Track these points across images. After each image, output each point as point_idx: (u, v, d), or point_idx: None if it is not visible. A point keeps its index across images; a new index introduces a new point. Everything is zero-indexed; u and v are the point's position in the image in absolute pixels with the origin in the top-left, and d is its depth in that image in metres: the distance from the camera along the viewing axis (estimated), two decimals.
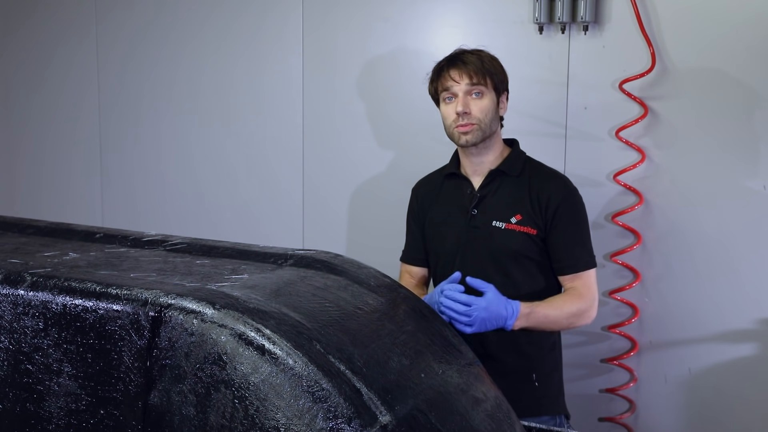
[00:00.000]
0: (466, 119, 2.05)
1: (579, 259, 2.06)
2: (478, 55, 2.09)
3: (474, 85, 2.05)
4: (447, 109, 2.09)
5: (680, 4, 2.43)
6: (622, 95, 2.49)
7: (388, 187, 2.91)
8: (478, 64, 2.06)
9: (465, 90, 2.05)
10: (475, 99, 2.06)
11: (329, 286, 1.39)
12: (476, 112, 2.05)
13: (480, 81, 2.05)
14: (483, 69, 2.06)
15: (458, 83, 2.05)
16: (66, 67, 3.51)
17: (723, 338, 2.46)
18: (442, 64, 2.11)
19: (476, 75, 2.05)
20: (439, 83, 2.10)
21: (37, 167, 3.67)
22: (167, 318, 1.19)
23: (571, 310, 2.01)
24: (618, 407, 2.63)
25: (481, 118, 2.06)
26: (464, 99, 2.05)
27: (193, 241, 1.61)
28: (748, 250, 2.41)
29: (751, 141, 2.38)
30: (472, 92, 2.06)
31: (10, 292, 1.30)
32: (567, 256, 2.05)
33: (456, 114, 2.05)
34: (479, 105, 2.06)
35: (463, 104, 2.05)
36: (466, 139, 2.07)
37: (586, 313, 2.04)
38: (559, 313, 2.00)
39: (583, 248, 2.08)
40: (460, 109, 2.04)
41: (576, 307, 2.02)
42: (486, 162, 2.13)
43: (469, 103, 2.05)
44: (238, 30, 3.13)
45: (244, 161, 3.19)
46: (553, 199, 2.06)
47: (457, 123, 2.06)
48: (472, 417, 1.32)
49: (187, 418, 1.16)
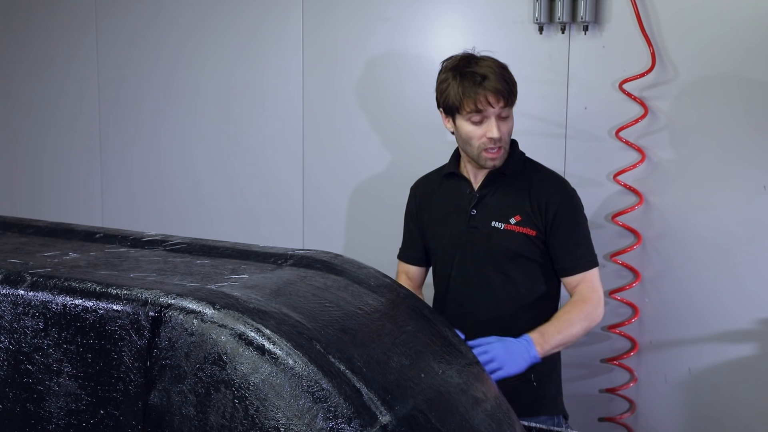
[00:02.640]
0: (497, 144, 2.00)
1: (581, 260, 2.06)
2: (504, 75, 1.98)
3: (505, 108, 2.00)
4: (474, 130, 2.00)
5: (680, 4, 2.43)
6: (622, 95, 2.49)
7: (388, 187, 2.91)
8: (509, 87, 1.98)
9: (497, 113, 1.99)
10: (503, 120, 2.01)
11: (329, 286, 1.39)
12: (504, 135, 2.01)
13: (509, 103, 2.00)
14: (511, 90, 2.00)
15: (493, 107, 1.97)
16: (66, 67, 3.51)
17: (723, 338, 2.46)
18: (469, 83, 1.97)
19: (508, 97, 1.99)
20: (469, 101, 1.97)
21: (37, 167, 3.67)
22: (167, 318, 1.19)
23: (579, 318, 1.99)
24: (618, 407, 2.63)
25: (507, 140, 2.04)
26: (497, 123, 1.99)
27: (193, 241, 1.61)
28: (748, 249, 2.41)
29: (751, 141, 2.38)
30: (501, 114, 2.00)
31: (10, 292, 1.30)
32: (569, 258, 2.04)
33: (488, 138, 1.99)
34: (506, 127, 2.02)
35: (498, 129, 1.98)
36: (494, 164, 2.04)
37: (593, 314, 2.02)
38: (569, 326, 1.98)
39: (584, 249, 2.08)
40: (496, 135, 1.98)
41: (584, 313, 2.00)
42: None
43: (501, 128, 1.99)
44: (238, 30, 3.13)
45: (244, 161, 3.19)
46: (553, 202, 2.05)
47: (487, 146, 2.01)
48: (472, 417, 1.32)
49: (187, 418, 1.16)
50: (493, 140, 1.99)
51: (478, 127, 2.00)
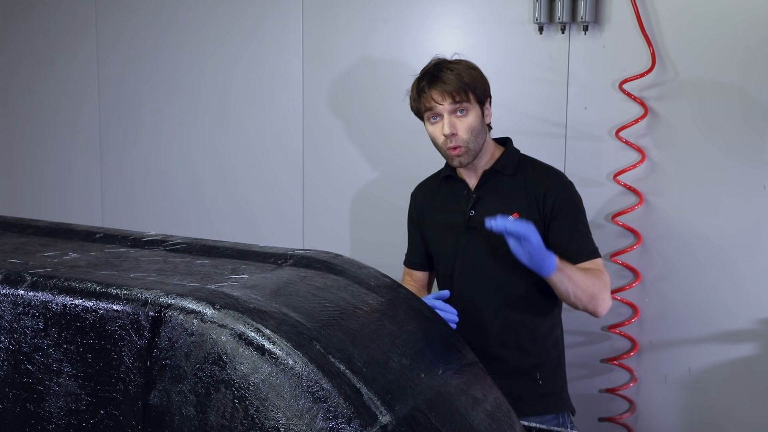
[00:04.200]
0: (454, 141, 2.02)
1: (582, 249, 2.04)
2: (456, 71, 2.02)
3: (457, 104, 2.01)
4: (434, 129, 2.06)
5: (680, 4, 2.43)
6: (622, 95, 2.49)
7: (387, 187, 2.91)
8: (458, 82, 2.00)
9: (449, 110, 2.01)
10: (460, 117, 2.02)
11: (329, 286, 1.39)
12: (462, 133, 2.02)
13: (463, 98, 2.01)
14: (464, 86, 2.00)
15: (441, 104, 2.02)
16: (66, 67, 3.52)
17: (723, 338, 2.46)
18: (422, 84, 2.04)
19: (458, 93, 2.00)
20: (422, 103, 2.05)
21: (37, 167, 3.67)
22: (167, 318, 1.19)
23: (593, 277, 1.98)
24: (618, 407, 2.63)
25: (467, 138, 2.03)
26: (450, 120, 2.01)
27: (193, 241, 1.61)
28: (748, 249, 2.41)
29: (750, 141, 2.38)
30: (456, 110, 2.02)
31: (10, 292, 1.30)
32: (570, 248, 2.02)
33: (444, 136, 2.03)
34: (465, 124, 2.02)
35: (450, 126, 2.01)
36: (459, 161, 2.06)
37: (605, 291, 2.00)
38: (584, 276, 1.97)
39: (585, 239, 2.07)
40: (447, 132, 2.01)
41: (600, 281, 1.99)
42: (479, 165, 2.12)
43: (455, 124, 2.02)
44: (238, 30, 3.13)
45: (244, 161, 3.19)
46: (550, 194, 2.05)
47: (447, 145, 2.04)
48: (472, 417, 1.32)
49: (187, 418, 1.16)
50: (447, 137, 2.02)
51: (436, 126, 2.05)
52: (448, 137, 2.02)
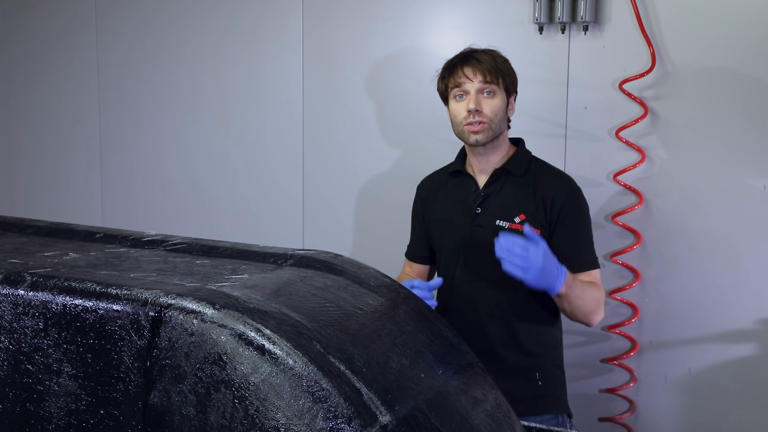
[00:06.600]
0: (478, 117, 2.03)
1: (584, 260, 2.05)
2: (491, 54, 2.08)
3: (487, 84, 2.04)
4: (458, 106, 2.07)
5: (680, 4, 2.43)
6: (622, 95, 2.49)
7: (387, 187, 2.91)
8: (492, 63, 2.05)
9: (477, 88, 2.04)
10: (486, 98, 2.05)
11: (329, 286, 1.39)
12: (487, 111, 2.04)
13: (493, 80, 2.04)
14: (497, 68, 2.05)
15: (471, 81, 2.04)
16: (66, 67, 3.52)
17: (723, 338, 2.46)
18: (455, 61, 2.09)
19: (490, 74, 2.04)
20: (451, 80, 2.07)
21: (37, 167, 3.67)
22: (167, 318, 1.19)
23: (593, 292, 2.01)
24: (618, 407, 2.63)
25: (491, 117, 2.05)
26: (476, 97, 2.04)
27: (193, 241, 1.61)
28: (748, 249, 2.41)
29: (751, 140, 2.38)
30: (484, 91, 2.04)
31: (10, 292, 1.30)
32: (572, 256, 2.03)
33: (467, 112, 2.04)
34: (491, 104, 2.05)
35: (475, 102, 2.03)
36: (476, 138, 2.06)
37: (601, 305, 2.03)
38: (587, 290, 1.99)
39: (587, 249, 2.08)
40: (472, 107, 2.03)
41: (599, 293, 2.03)
42: (492, 161, 2.12)
43: (481, 102, 2.04)
44: (238, 30, 3.13)
45: (244, 161, 3.19)
46: (558, 199, 2.05)
47: (468, 120, 2.04)
48: (472, 417, 1.32)
49: (187, 418, 1.16)
50: (471, 112, 2.03)
51: (460, 103, 2.07)
52: (472, 112, 2.03)
